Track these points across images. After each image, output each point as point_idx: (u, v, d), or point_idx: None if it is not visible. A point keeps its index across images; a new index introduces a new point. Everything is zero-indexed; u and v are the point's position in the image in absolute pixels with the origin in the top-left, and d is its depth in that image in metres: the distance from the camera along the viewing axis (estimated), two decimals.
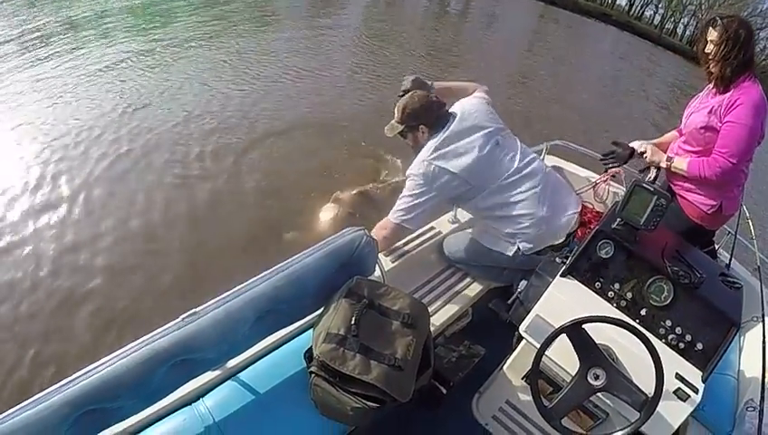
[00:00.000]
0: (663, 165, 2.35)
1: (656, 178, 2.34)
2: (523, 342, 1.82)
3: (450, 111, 2.14)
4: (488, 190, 2.07)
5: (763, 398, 1.71)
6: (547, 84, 8.49)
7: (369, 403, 1.42)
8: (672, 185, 2.42)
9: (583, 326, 1.51)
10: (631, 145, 2.46)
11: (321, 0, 9.60)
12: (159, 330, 1.26)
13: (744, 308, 2.68)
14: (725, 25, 2.10)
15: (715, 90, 2.24)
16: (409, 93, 2.15)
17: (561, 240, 2.15)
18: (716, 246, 2.88)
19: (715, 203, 2.28)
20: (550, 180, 2.15)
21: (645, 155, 2.42)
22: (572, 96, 8.16)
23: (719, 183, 2.21)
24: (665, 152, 2.41)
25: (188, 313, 1.31)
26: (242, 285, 1.42)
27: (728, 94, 2.14)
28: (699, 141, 2.24)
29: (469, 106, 2.16)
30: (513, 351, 2.05)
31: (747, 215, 2.91)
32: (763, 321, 2.13)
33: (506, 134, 2.19)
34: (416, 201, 2.04)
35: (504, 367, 2.09)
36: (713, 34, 2.14)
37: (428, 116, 2.10)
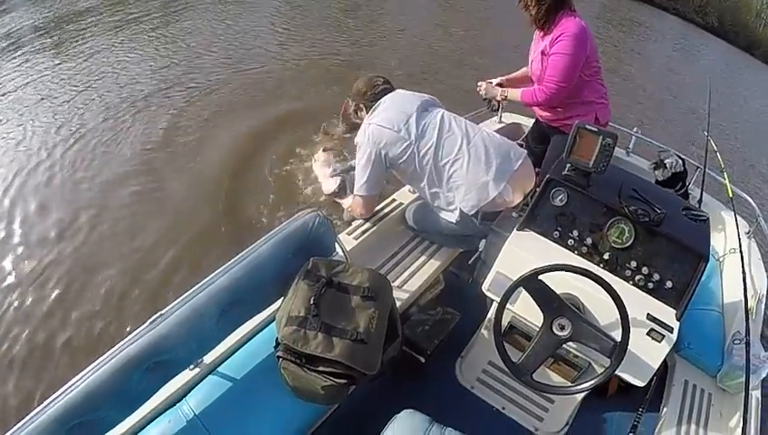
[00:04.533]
0: (499, 98, 2.73)
1: (497, 109, 2.87)
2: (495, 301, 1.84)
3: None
4: (420, 158, 2.11)
5: (747, 329, 1.72)
6: (468, 41, 8.49)
7: (337, 380, 1.44)
8: (550, 122, 2.70)
9: (541, 277, 1.51)
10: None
11: None
12: (130, 336, 1.28)
13: (722, 241, 2.71)
14: None
15: (541, 33, 2.51)
16: (359, 79, 2.33)
17: (513, 201, 2.11)
18: (688, 183, 2.90)
19: (592, 117, 2.58)
20: (480, 143, 2.13)
21: (480, 92, 2.79)
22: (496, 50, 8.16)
23: (581, 103, 2.56)
24: (521, 84, 2.75)
25: (155, 315, 1.33)
26: (202, 282, 1.43)
27: (551, 34, 2.42)
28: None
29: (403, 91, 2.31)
30: (489, 311, 2.06)
31: (715, 148, 2.92)
32: (741, 251, 2.13)
33: (437, 105, 2.28)
34: (365, 168, 2.14)
35: (483, 328, 2.10)
36: None
37: (366, 94, 2.26)
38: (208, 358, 1.58)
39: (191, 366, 1.51)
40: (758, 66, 16.36)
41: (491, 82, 2.79)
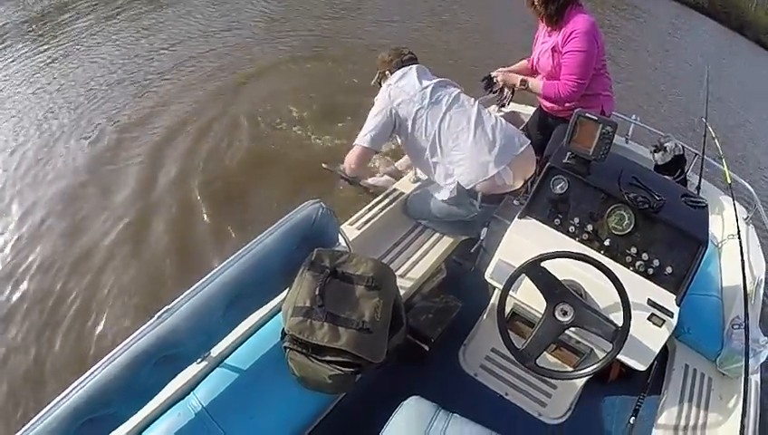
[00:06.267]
0: (518, 86, 2.67)
1: (510, 99, 2.75)
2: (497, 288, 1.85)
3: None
4: (427, 124, 2.19)
5: (747, 314, 1.74)
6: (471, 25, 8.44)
7: (344, 369, 1.46)
8: (556, 113, 2.72)
9: (543, 264, 1.53)
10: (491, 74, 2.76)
11: None
12: (138, 331, 1.29)
13: (720, 227, 2.73)
14: None
15: (550, 28, 2.53)
16: (385, 50, 2.48)
17: (513, 184, 2.16)
18: (686, 170, 2.91)
19: (597, 109, 2.59)
20: (488, 124, 2.20)
21: (497, 78, 2.71)
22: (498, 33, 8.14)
23: (587, 95, 2.55)
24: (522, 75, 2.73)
25: (162, 310, 1.35)
26: (208, 275, 1.44)
27: (562, 30, 2.43)
28: (555, 75, 2.55)
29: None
30: (491, 298, 2.08)
31: (713, 134, 2.93)
32: (739, 237, 2.15)
33: (455, 85, 2.34)
34: (373, 122, 2.22)
35: (485, 316, 2.12)
36: None
37: (391, 63, 2.38)
38: (215, 351, 1.60)
39: (199, 359, 1.53)
40: (751, 47, 16.33)
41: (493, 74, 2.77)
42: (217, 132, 4.31)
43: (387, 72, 2.37)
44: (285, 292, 1.63)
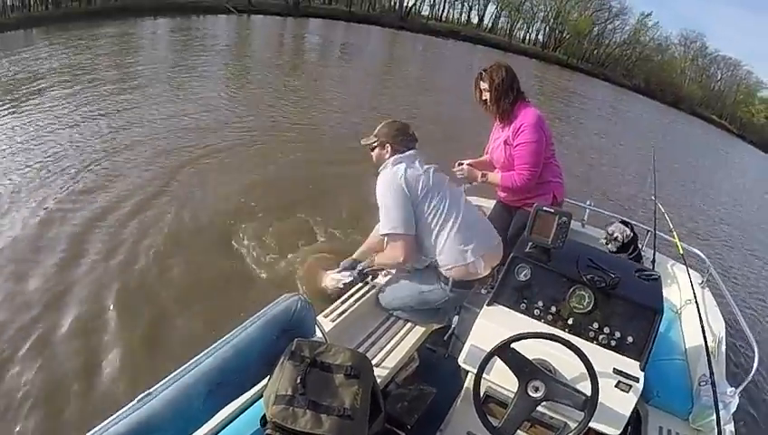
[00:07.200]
0: (479, 180, 2.90)
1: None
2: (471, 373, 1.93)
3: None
4: (426, 205, 2.31)
5: (711, 371, 1.86)
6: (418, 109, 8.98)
7: None
8: (512, 203, 2.95)
9: (512, 345, 1.63)
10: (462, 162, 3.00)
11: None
12: (116, 414, 1.28)
13: (678, 294, 2.92)
14: (490, 75, 2.68)
15: (502, 124, 2.85)
16: (393, 120, 2.56)
17: (482, 273, 2.32)
18: (641, 246, 3.15)
19: (549, 196, 2.83)
20: (471, 217, 2.39)
21: (461, 175, 2.94)
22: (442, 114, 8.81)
23: (539, 184, 2.78)
24: (484, 168, 2.96)
25: (143, 394, 1.35)
26: (189, 362, 1.47)
27: (512, 124, 2.73)
28: (509, 166, 2.82)
29: None
30: (464, 383, 2.14)
31: (662, 210, 3.22)
32: (696, 301, 2.33)
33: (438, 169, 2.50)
34: (397, 205, 2.29)
35: (459, 400, 2.17)
36: (483, 85, 2.71)
37: (397, 138, 2.46)
38: None
39: None
40: (687, 119, 17.72)
41: (461, 163, 2.98)
42: (150, 226, 4.26)
43: (388, 146, 2.45)
44: (265, 380, 1.66)
